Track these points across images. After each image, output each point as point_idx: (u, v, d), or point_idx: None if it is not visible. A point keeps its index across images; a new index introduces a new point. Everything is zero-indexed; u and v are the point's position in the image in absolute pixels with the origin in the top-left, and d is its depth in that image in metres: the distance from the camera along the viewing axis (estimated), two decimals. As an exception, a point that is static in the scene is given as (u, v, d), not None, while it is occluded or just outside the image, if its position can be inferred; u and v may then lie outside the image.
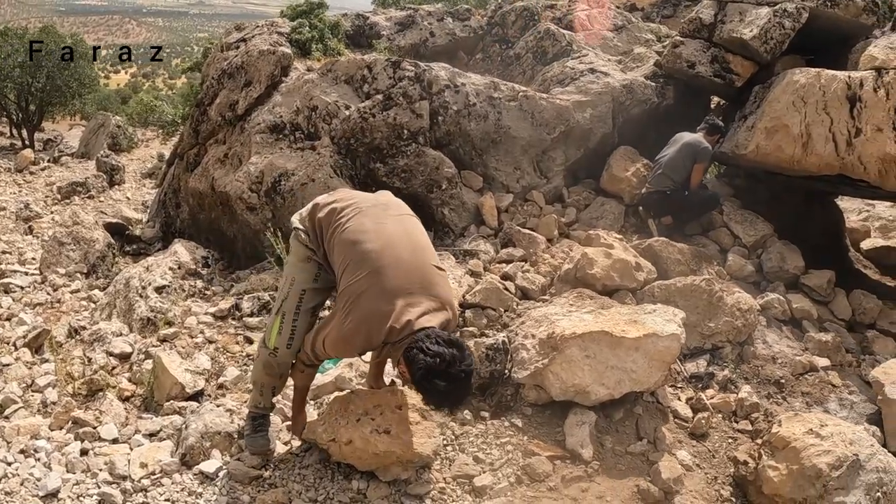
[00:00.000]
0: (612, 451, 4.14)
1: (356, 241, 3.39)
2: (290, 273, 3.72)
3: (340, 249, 3.43)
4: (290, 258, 3.79)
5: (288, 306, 3.64)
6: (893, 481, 3.84)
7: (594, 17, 9.15)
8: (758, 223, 7.20)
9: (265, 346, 3.72)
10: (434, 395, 3.19)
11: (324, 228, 3.56)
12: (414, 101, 6.93)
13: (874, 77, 6.37)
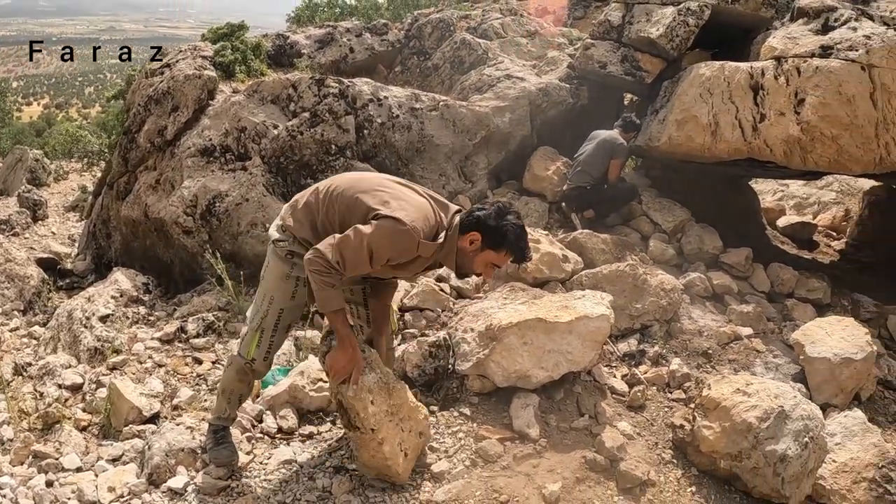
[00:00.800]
0: (557, 428, 4.44)
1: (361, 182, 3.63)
2: (268, 290, 3.77)
3: (341, 199, 3.54)
4: (267, 273, 3.79)
5: (267, 323, 3.76)
6: (818, 427, 4.23)
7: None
8: (675, 210, 7.65)
9: (241, 356, 3.84)
10: (512, 230, 3.47)
11: (321, 203, 3.60)
12: (339, 117, 7.15)
13: (774, 66, 6.82)
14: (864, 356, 5.27)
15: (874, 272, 9.37)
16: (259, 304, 3.80)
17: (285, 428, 4.41)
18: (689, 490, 4.22)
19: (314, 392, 4.58)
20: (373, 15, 12.60)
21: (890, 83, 6.33)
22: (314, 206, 3.64)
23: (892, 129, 6.41)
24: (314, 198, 3.66)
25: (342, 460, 4.08)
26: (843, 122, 6.41)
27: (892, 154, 6.45)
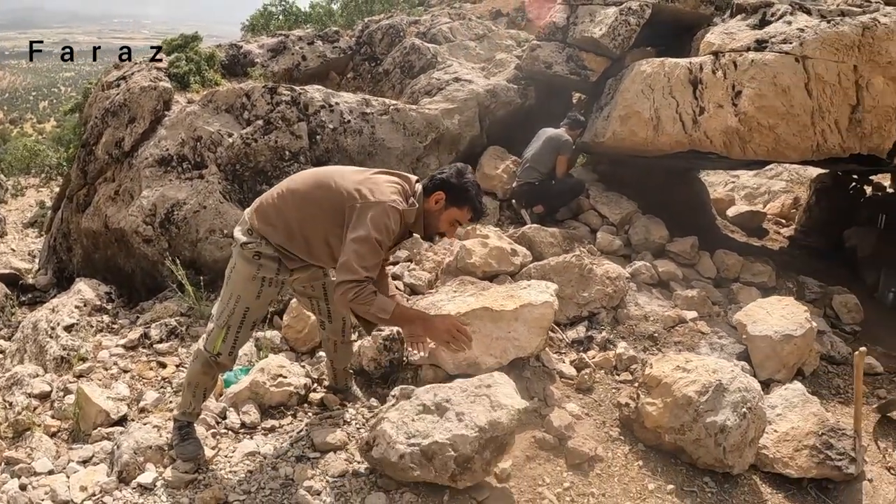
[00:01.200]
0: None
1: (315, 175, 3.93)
2: (234, 290, 3.93)
3: (314, 190, 3.80)
4: (234, 274, 3.94)
5: (233, 321, 3.93)
6: (756, 398, 4.48)
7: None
8: (622, 202, 7.91)
9: (207, 350, 3.99)
10: (471, 188, 3.83)
11: (291, 206, 3.81)
12: (292, 124, 7.32)
13: (712, 60, 7.06)
14: (804, 332, 5.55)
15: (821, 256, 9.72)
16: (226, 302, 3.95)
17: (248, 423, 4.54)
18: (636, 464, 4.45)
19: (274, 388, 4.73)
20: (326, 21, 12.72)
21: (824, 73, 6.58)
22: (284, 209, 3.82)
23: (827, 117, 6.68)
24: (281, 202, 3.84)
25: (303, 450, 4.25)
26: (780, 112, 6.67)
27: (828, 141, 6.73)
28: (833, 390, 5.79)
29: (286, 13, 13.34)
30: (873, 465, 4.80)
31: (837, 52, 6.56)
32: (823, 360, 6.07)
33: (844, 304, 7.29)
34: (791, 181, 13.88)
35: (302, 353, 5.48)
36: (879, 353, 6.57)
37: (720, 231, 10.17)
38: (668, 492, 4.26)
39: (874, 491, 4.55)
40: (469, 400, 4.00)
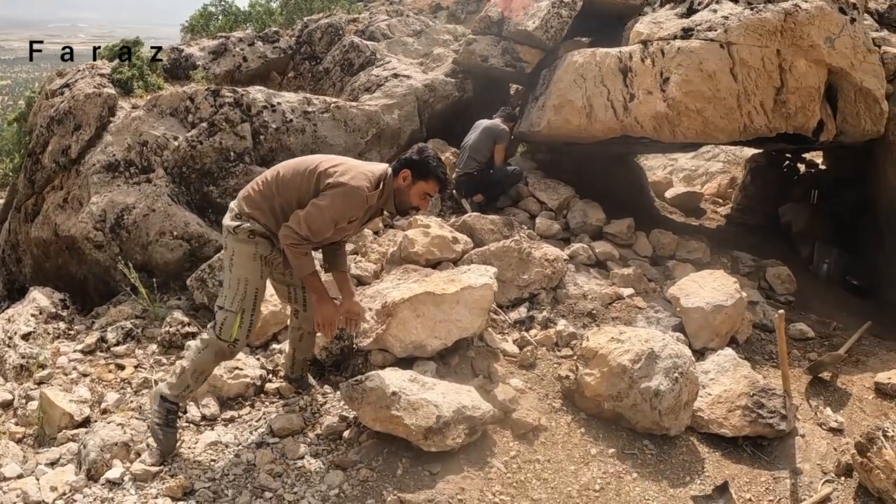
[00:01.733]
0: (451, 386, 4.90)
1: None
2: (240, 274, 4.13)
3: (293, 176, 4.13)
4: (236, 259, 4.14)
5: (247, 304, 4.12)
6: (687, 363, 4.79)
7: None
8: (560, 188, 8.17)
9: (222, 339, 4.13)
10: (432, 161, 4.20)
11: (274, 190, 4.12)
12: (236, 125, 7.43)
13: (641, 49, 7.33)
14: (734, 302, 5.87)
15: (756, 232, 10.11)
16: (234, 288, 4.13)
17: (208, 415, 4.69)
18: (578, 432, 4.72)
19: (232, 380, 4.90)
20: (266, 21, 12.74)
21: (748, 58, 6.87)
22: (268, 193, 4.13)
23: (752, 98, 7.00)
24: (265, 187, 4.15)
25: (263, 437, 4.45)
26: (706, 96, 6.95)
27: (755, 122, 7.04)
28: (766, 356, 6.11)
29: (226, 13, 13.32)
30: (806, 423, 5.10)
31: (761, 37, 6.87)
32: (756, 328, 6.41)
33: (777, 275, 7.65)
34: (728, 162, 14.32)
35: (256, 346, 5.61)
36: (812, 321, 6.94)
37: (658, 212, 10.51)
38: (610, 455, 4.54)
39: (807, 445, 4.85)
40: (452, 390, 4.45)
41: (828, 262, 8.89)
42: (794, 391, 5.34)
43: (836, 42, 6.95)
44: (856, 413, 5.33)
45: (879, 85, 7.23)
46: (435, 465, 4.18)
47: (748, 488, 4.49)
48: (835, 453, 4.79)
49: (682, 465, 4.61)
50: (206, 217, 7.19)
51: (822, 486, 4.49)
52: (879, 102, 7.22)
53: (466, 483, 4.08)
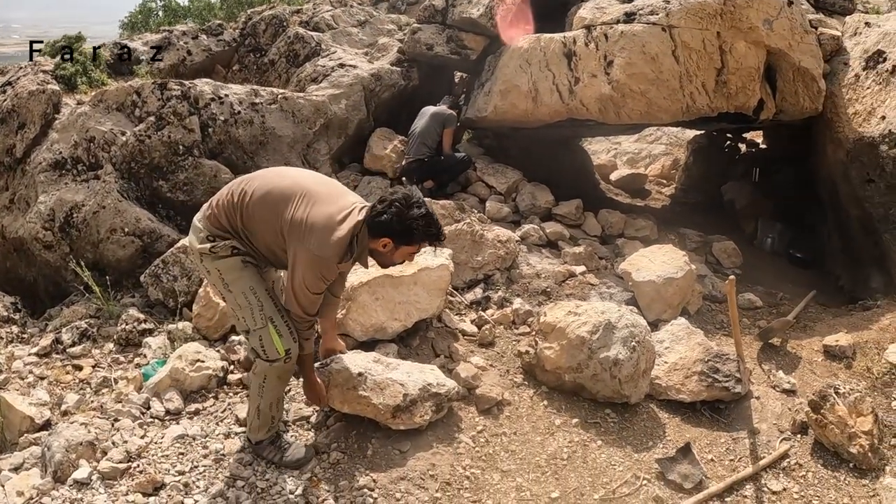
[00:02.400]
0: (417, 369, 4.97)
1: (268, 192, 3.74)
2: (241, 287, 3.79)
3: (260, 209, 3.72)
4: (225, 278, 3.81)
5: (270, 310, 3.80)
6: (643, 332, 4.94)
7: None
8: (508, 172, 8.29)
9: (271, 360, 3.85)
10: (421, 221, 3.71)
11: (239, 209, 3.75)
12: (184, 118, 7.37)
13: (585, 34, 7.45)
14: (684, 274, 6.04)
15: (701, 211, 10.35)
16: (249, 304, 3.81)
17: (172, 409, 4.64)
18: (541, 404, 4.84)
19: (194, 373, 4.86)
20: (206, 15, 12.62)
21: (689, 40, 7.02)
22: (232, 216, 3.78)
23: (694, 80, 7.17)
24: (229, 209, 3.78)
25: (229, 427, 4.46)
26: (650, 78, 7.10)
27: (697, 102, 7.21)
28: (717, 325, 6.33)
29: (166, 9, 13.17)
30: (760, 386, 5.29)
31: (701, 20, 7.02)
32: (706, 299, 6.62)
33: (724, 249, 7.88)
34: (670, 144, 14.58)
35: (214, 340, 5.58)
36: (760, 292, 7.17)
37: (604, 194, 10.70)
38: (574, 425, 4.68)
39: (762, 407, 5.03)
40: (416, 369, 4.53)
41: (771, 237, 9.16)
42: (747, 356, 5.53)
43: (775, 24, 7.15)
44: (807, 375, 5.53)
45: (817, 64, 7.46)
46: (404, 443, 4.26)
47: (709, 449, 4.64)
48: (789, 413, 4.97)
49: (645, 430, 4.75)
50: (157, 212, 7.14)
51: (780, 444, 4.65)
52: (817, 81, 7.45)
53: (436, 459, 4.17)
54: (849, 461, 4.44)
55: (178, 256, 6.10)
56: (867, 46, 7.59)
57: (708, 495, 4.17)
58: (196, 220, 3.94)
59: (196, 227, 3.90)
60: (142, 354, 5.48)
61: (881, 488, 4.24)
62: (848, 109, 7.42)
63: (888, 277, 7.00)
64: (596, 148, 14.88)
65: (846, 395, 4.57)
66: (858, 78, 7.47)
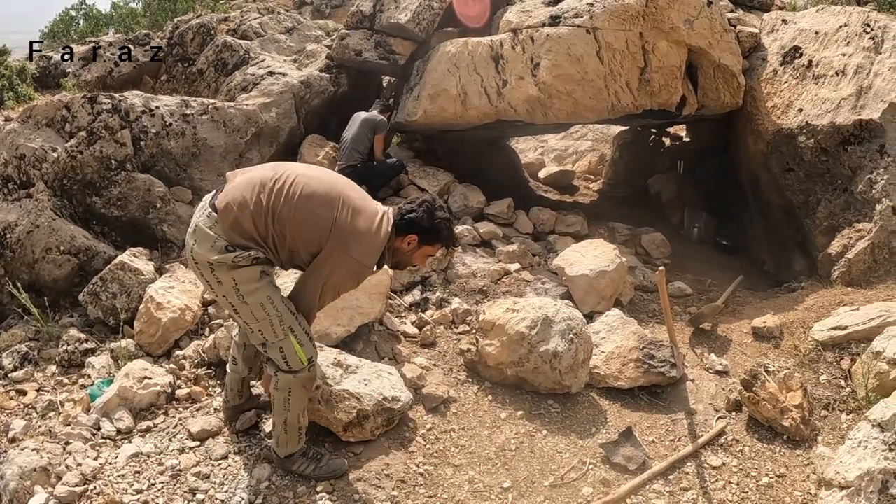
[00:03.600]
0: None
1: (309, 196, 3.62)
2: (258, 299, 3.61)
3: (303, 213, 3.58)
4: (241, 289, 3.60)
5: (289, 320, 3.67)
6: (580, 324, 5.16)
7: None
8: (439, 175, 8.47)
9: (294, 370, 3.76)
10: (444, 227, 3.88)
11: (274, 210, 3.57)
12: (116, 132, 7.28)
13: (511, 37, 7.68)
14: (615, 267, 6.30)
15: (628, 204, 10.65)
16: (268, 316, 3.65)
17: (123, 428, 4.60)
18: (486, 399, 5.02)
19: (142, 390, 4.82)
20: (130, 23, 12.42)
21: (613, 41, 7.32)
22: (261, 212, 3.57)
23: (619, 79, 7.43)
24: (257, 204, 3.57)
25: (183, 442, 4.46)
26: (575, 79, 7.35)
27: (622, 100, 7.49)
28: (650, 314, 6.61)
29: (87, 17, 12.90)
30: (694, 369, 5.55)
31: (624, 21, 7.30)
32: (638, 289, 6.90)
33: (652, 241, 8.15)
34: (596, 140, 14.93)
35: (158, 356, 5.54)
36: (689, 280, 7.46)
37: (534, 192, 10.93)
38: (519, 417, 4.86)
39: (697, 388, 5.28)
40: (374, 374, 4.62)
41: (698, 226, 9.49)
42: (680, 342, 5.80)
43: (695, 23, 7.47)
44: (738, 356, 5.81)
45: (736, 61, 7.82)
46: (357, 446, 4.37)
47: (650, 431, 4.87)
48: (723, 392, 5.24)
49: (587, 418, 4.96)
50: (92, 229, 7.02)
51: (717, 422, 4.91)
52: (737, 77, 7.80)
53: (390, 458, 4.30)
54: (782, 434, 4.73)
55: (117, 273, 6.03)
56: (784, 43, 7.98)
57: (652, 474, 4.38)
58: (201, 225, 3.63)
59: (205, 234, 3.60)
60: (86, 375, 5.40)
61: (814, 457, 4.53)
62: (767, 103, 7.78)
63: (810, 260, 7.36)
64: (523, 147, 15.13)
65: (776, 373, 4.85)
66: (776, 73, 7.83)
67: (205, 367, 5.33)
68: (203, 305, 5.93)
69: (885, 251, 6.61)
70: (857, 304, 5.97)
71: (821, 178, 7.23)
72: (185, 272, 6.30)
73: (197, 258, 3.63)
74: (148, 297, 5.70)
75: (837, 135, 7.05)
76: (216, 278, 3.62)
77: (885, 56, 7.16)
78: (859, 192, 6.81)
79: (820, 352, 5.54)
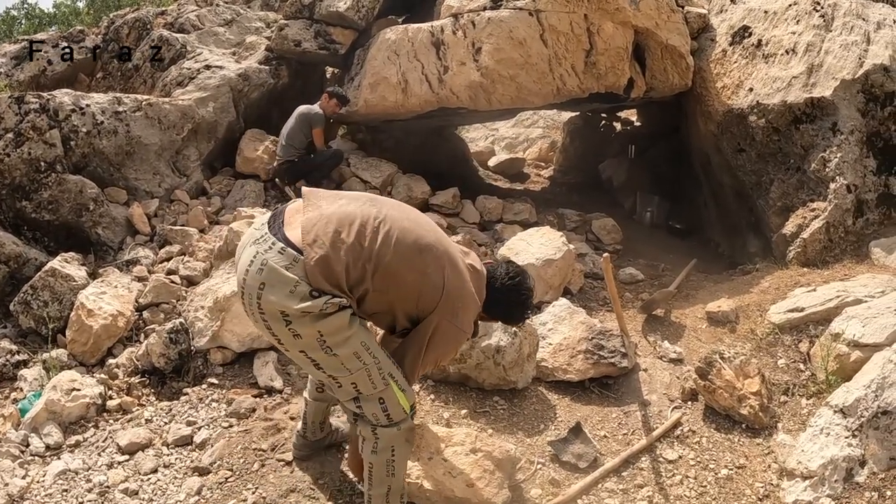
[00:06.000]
0: (298, 375, 4.92)
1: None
2: (353, 347, 2.96)
3: (412, 268, 3.01)
4: (329, 340, 2.92)
5: (387, 365, 3.07)
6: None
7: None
8: (382, 166, 8.31)
9: (397, 422, 3.16)
10: (528, 298, 3.38)
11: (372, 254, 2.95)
12: (44, 132, 6.99)
13: (452, 22, 7.50)
14: (563, 255, 6.13)
15: (579, 190, 10.57)
16: (365, 366, 3.02)
17: (52, 444, 4.43)
18: (429, 398, 4.79)
19: (70, 403, 4.64)
20: (73, 21, 12.09)
21: (557, 24, 7.17)
22: (359, 255, 2.94)
23: (563, 62, 7.29)
24: (356, 245, 2.93)
25: (111, 456, 4.28)
26: (518, 63, 7.21)
27: (567, 84, 7.36)
28: (601, 302, 6.46)
29: (29, 16, 12.56)
30: (647, 358, 5.41)
31: (568, 3, 7.16)
32: (588, 277, 6.76)
33: (603, 227, 8.05)
34: (547, 127, 14.86)
35: (91, 365, 5.34)
36: (641, 265, 7.37)
37: (483, 181, 10.83)
38: (463, 416, 4.64)
39: (650, 378, 5.15)
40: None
41: (650, 210, 9.42)
42: (632, 330, 5.64)
43: (641, 4, 7.36)
44: (692, 342, 5.69)
45: (684, 42, 7.72)
46: (289, 453, 4.15)
47: (602, 425, 4.70)
48: (678, 381, 5.10)
49: (535, 414, 4.77)
50: (23, 235, 6.73)
51: (672, 413, 4.78)
52: (685, 57, 7.71)
53: (325, 467, 4.06)
54: (741, 423, 4.61)
55: (48, 280, 5.78)
56: (733, 23, 7.91)
57: (604, 472, 4.22)
58: (274, 264, 2.88)
59: (281, 277, 2.86)
60: (18, 388, 5.17)
61: (775, 445, 4.42)
62: (717, 83, 7.71)
63: (764, 241, 7.30)
64: (474, 136, 15.04)
65: (732, 359, 4.74)
66: (725, 53, 7.76)
67: (139, 375, 5.14)
68: (137, 310, 5.71)
69: (841, 230, 6.57)
70: (814, 285, 5.88)
71: (773, 158, 7.17)
72: (119, 276, 6.08)
73: (266, 308, 2.90)
74: (79, 304, 5.48)
75: (789, 113, 6.97)
76: (292, 332, 2.91)
77: (836, 34, 7.11)
78: (812, 170, 6.74)
79: (777, 335, 5.43)
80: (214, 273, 5.78)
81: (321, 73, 10.19)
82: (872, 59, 6.86)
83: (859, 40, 7.01)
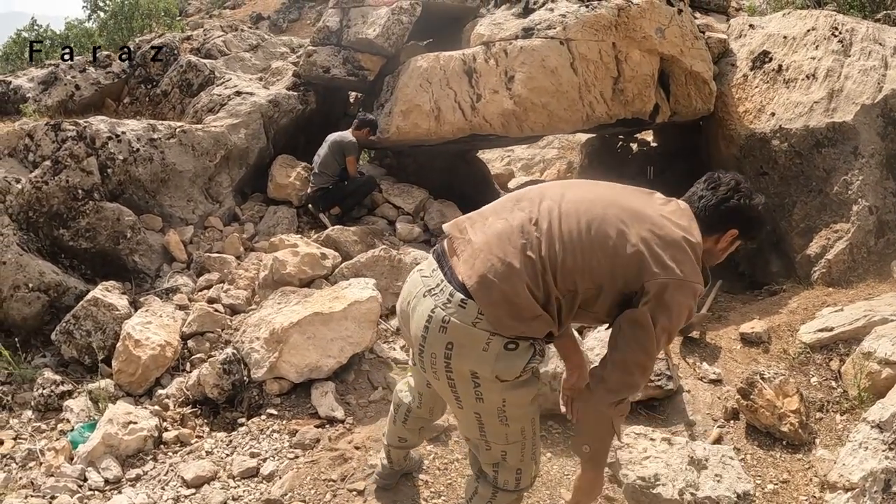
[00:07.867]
0: (358, 405, 4.99)
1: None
2: (525, 421, 2.84)
3: (590, 251, 2.57)
4: (508, 412, 2.74)
5: (537, 453, 3.02)
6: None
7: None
8: (414, 191, 8.36)
9: (520, 489, 3.03)
10: (763, 211, 2.85)
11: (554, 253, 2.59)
12: (82, 160, 7.06)
13: (484, 50, 7.62)
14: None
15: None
16: (524, 440, 2.89)
17: (111, 478, 4.41)
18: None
19: (128, 436, 4.65)
20: (86, 43, 12.13)
21: (586, 52, 7.32)
22: (541, 273, 2.58)
23: (593, 90, 7.42)
24: (532, 261, 2.58)
25: (177, 490, 4.30)
26: (550, 91, 7.33)
27: (596, 111, 7.49)
28: (640, 325, 6.49)
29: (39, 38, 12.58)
30: (688, 379, 5.48)
31: (597, 32, 7.29)
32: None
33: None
34: (562, 148, 14.92)
35: (139, 395, 5.35)
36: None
37: (507, 203, 10.84)
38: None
39: (693, 399, 5.23)
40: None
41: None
42: (671, 351, 5.71)
43: (666, 32, 7.48)
44: (729, 363, 5.75)
45: (707, 67, 7.84)
46: (360, 482, 4.19)
47: (652, 444, 4.77)
48: (719, 401, 5.19)
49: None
50: (60, 263, 6.78)
51: (715, 431, 4.88)
52: (708, 83, 7.81)
53: (398, 495, 4.11)
54: (781, 439, 4.72)
55: (90, 310, 5.82)
56: (753, 48, 8.02)
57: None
58: (458, 321, 2.59)
59: (471, 335, 2.59)
60: (64, 419, 5.16)
61: (815, 460, 4.53)
62: (738, 108, 7.81)
63: (787, 261, 7.37)
64: (489, 157, 15.10)
65: (771, 380, 4.86)
66: (747, 78, 7.87)
67: (190, 406, 5.18)
68: (182, 339, 5.75)
69: (864, 250, 6.67)
70: (841, 305, 5.98)
71: (795, 181, 7.25)
72: (162, 305, 6.12)
73: (457, 368, 2.65)
74: (125, 335, 5.51)
75: (811, 138, 7.07)
76: (477, 395, 2.68)
77: (854, 59, 7.24)
78: (835, 193, 6.84)
79: (809, 354, 5.52)
80: (264, 302, 5.86)
81: (345, 98, 10.30)
82: (891, 84, 7.00)
83: (877, 65, 7.16)
